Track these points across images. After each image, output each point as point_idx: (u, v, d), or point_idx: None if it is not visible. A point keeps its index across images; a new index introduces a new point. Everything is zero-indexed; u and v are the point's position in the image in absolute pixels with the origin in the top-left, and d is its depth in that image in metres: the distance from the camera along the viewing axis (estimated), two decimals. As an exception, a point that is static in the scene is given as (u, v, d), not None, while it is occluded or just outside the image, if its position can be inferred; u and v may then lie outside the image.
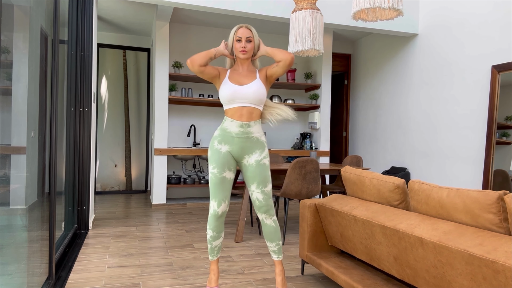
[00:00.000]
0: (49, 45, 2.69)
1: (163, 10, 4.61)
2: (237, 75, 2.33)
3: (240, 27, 2.29)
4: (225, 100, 2.28)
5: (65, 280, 2.51)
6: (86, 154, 3.77)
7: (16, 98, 2.16)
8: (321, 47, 3.31)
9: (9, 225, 2.10)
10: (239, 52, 2.28)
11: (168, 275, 2.65)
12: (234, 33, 2.29)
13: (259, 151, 2.30)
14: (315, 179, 3.56)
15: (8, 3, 1.92)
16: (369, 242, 2.02)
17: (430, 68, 4.83)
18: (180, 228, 4.05)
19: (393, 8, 2.48)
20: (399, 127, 5.37)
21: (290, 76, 5.93)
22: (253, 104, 2.27)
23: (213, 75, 2.29)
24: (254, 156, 2.29)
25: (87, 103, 3.75)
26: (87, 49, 3.75)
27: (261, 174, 2.29)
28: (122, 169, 6.26)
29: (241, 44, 2.27)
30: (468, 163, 4.22)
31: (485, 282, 1.41)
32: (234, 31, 2.30)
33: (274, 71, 2.33)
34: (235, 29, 2.30)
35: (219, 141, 2.28)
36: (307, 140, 5.92)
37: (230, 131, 2.27)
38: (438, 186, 1.76)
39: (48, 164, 2.57)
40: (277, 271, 2.35)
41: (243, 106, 2.26)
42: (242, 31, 2.28)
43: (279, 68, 2.30)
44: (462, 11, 4.35)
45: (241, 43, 2.27)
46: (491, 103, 3.89)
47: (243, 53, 2.28)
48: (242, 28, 2.29)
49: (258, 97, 2.27)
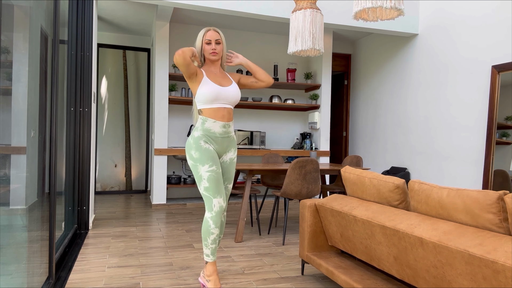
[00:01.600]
0: (49, 45, 2.69)
1: (163, 10, 4.61)
2: (214, 76, 2.39)
3: (208, 30, 2.37)
4: (207, 99, 2.32)
5: (65, 280, 2.51)
6: (86, 154, 3.77)
7: (16, 98, 2.16)
8: (321, 47, 3.31)
9: (9, 225, 2.10)
10: (209, 54, 2.36)
11: (168, 275, 2.65)
12: (203, 36, 2.36)
13: (233, 149, 2.50)
14: (315, 179, 3.56)
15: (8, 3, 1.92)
16: (369, 242, 2.02)
17: (430, 68, 4.83)
18: (180, 228, 4.05)
19: (394, 8, 2.48)
20: (399, 127, 5.37)
21: (290, 76, 5.93)
22: (232, 105, 2.44)
23: (194, 71, 2.31)
24: (229, 154, 2.48)
25: (87, 103, 3.75)
26: (87, 49, 3.75)
27: (231, 171, 2.50)
28: (122, 169, 6.26)
29: (211, 46, 2.35)
30: (468, 163, 4.22)
31: (485, 282, 1.41)
32: (202, 34, 2.37)
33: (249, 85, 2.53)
34: (203, 32, 2.37)
35: (204, 141, 2.34)
36: (307, 140, 5.92)
37: (214, 132, 2.35)
38: (438, 186, 1.76)
39: (48, 164, 2.57)
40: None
41: (225, 107, 2.38)
42: (211, 33, 2.36)
43: (257, 86, 2.51)
44: (462, 11, 4.35)
45: (211, 45, 2.36)
46: (491, 103, 3.89)
47: (213, 55, 2.36)
48: (210, 31, 2.36)
49: (237, 99, 2.43)
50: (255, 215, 4.58)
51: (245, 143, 5.56)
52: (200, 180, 2.30)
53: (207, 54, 2.38)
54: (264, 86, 2.53)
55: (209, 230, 2.30)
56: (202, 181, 2.30)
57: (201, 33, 2.38)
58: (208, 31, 2.36)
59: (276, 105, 5.91)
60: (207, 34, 2.35)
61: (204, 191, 2.31)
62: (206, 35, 2.36)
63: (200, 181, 2.30)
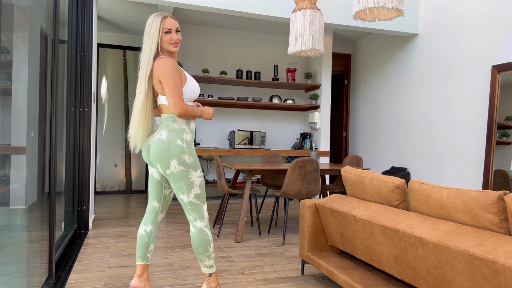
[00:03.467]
0: (49, 45, 2.69)
1: (163, 10, 4.61)
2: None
3: (165, 16, 2.06)
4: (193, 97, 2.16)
5: (65, 280, 2.51)
6: (86, 154, 3.76)
7: (16, 98, 2.16)
8: (321, 47, 3.31)
9: (9, 225, 2.10)
10: (169, 45, 2.08)
11: (168, 275, 2.65)
12: (160, 24, 2.04)
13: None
14: (315, 179, 3.56)
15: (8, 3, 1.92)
16: (369, 242, 2.02)
17: (430, 68, 4.83)
18: (180, 228, 4.05)
19: (395, 8, 2.48)
20: (399, 127, 5.37)
21: (290, 76, 5.94)
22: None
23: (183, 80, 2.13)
24: None
25: (87, 103, 3.75)
26: (87, 49, 3.75)
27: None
28: (122, 169, 6.26)
29: (171, 35, 2.07)
30: (468, 163, 4.22)
31: (485, 282, 1.40)
32: (159, 22, 2.04)
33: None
34: (159, 19, 2.04)
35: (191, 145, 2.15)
36: (307, 140, 5.92)
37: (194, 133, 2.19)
38: (438, 186, 1.76)
39: (48, 164, 2.57)
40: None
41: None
42: (171, 21, 2.06)
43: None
44: (462, 11, 4.35)
45: (171, 34, 2.07)
46: (491, 103, 3.89)
47: (175, 46, 2.10)
48: (168, 18, 2.07)
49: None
50: (255, 215, 4.58)
51: (245, 143, 5.56)
52: (190, 187, 2.07)
53: (166, 45, 2.07)
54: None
55: (208, 240, 2.13)
56: (193, 188, 2.08)
57: (156, 20, 2.04)
58: (165, 18, 2.05)
59: (276, 105, 5.91)
60: (166, 22, 2.05)
61: (194, 198, 2.09)
62: (165, 23, 2.04)
63: (190, 188, 2.08)
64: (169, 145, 2.04)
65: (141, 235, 2.25)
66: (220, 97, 5.59)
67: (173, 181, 2.08)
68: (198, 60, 5.86)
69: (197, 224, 2.12)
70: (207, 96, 5.71)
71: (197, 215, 2.11)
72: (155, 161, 2.07)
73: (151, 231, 2.26)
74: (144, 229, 2.25)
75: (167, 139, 2.05)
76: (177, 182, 2.07)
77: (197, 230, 2.12)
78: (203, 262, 2.16)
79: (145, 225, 2.26)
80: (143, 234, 2.25)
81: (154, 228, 2.27)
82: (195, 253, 2.16)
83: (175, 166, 2.04)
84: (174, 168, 2.04)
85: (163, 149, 2.04)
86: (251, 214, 4.31)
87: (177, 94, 2.02)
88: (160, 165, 2.06)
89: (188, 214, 2.13)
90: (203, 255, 2.14)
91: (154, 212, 2.26)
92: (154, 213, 2.26)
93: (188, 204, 2.10)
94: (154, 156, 2.06)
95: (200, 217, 2.12)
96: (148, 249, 2.26)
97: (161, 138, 2.06)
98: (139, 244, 2.25)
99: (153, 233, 2.27)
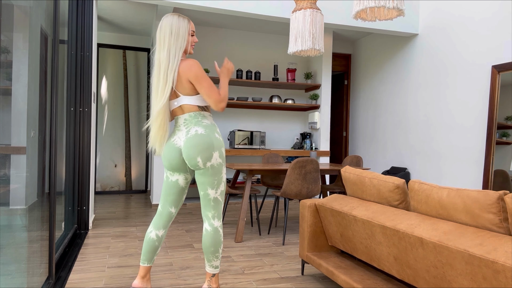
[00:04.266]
0: (49, 45, 2.69)
1: (163, 10, 4.61)
2: None
3: (188, 20, 2.16)
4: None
5: (65, 280, 2.51)
6: (86, 154, 3.76)
7: (16, 98, 2.16)
8: (321, 46, 3.31)
9: (9, 225, 2.10)
10: (190, 46, 2.16)
11: (168, 275, 2.65)
12: (189, 26, 2.13)
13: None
14: (315, 179, 3.56)
15: (8, 3, 1.92)
16: (369, 242, 2.02)
17: (430, 68, 4.83)
18: (180, 228, 4.04)
19: (396, 8, 2.48)
20: (399, 127, 5.37)
21: (290, 76, 5.94)
22: None
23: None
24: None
25: (87, 103, 3.75)
26: (87, 49, 3.75)
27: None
28: (122, 169, 6.26)
29: (194, 38, 2.18)
30: (468, 163, 4.22)
31: (485, 282, 1.40)
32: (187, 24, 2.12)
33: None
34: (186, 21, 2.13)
35: None
36: (307, 140, 5.92)
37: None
38: (438, 186, 1.76)
39: (48, 164, 2.57)
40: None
41: None
42: (192, 25, 2.18)
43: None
44: (462, 11, 4.35)
45: (194, 37, 2.18)
46: (491, 103, 3.89)
47: (193, 48, 2.20)
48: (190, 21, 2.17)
49: None
50: (255, 215, 4.58)
51: (245, 143, 5.56)
52: (220, 182, 2.09)
53: (189, 46, 2.15)
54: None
55: (220, 240, 2.12)
56: (221, 183, 2.10)
57: (185, 22, 2.11)
58: (189, 21, 2.15)
59: (276, 105, 5.91)
60: (192, 25, 2.15)
61: (219, 195, 2.10)
62: (192, 25, 2.15)
63: (220, 183, 2.09)
64: (210, 138, 2.06)
65: (152, 239, 2.20)
66: (220, 97, 5.58)
67: (208, 174, 2.06)
68: (198, 60, 5.86)
69: (214, 223, 2.11)
70: (207, 96, 5.70)
71: (217, 213, 2.12)
72: (196, 155, 2.03)
73: (162, 235, 2.23)
74: (156, 234, 2.20)
75: (206, 133, 2.06)
76: (212, 176, 2.07)
77: (213, 229, 2.10)
78: (210, 262, 2.15)
79: (157, 230, 2.21)
80: (154, 239, 2.20)
81: (165, 232, 2.25)
82: (204, 251, 2.14)
83: (216, 158, 2.06)
84: (215, 160, 2.06)
85: (205, 142, 2.04)
86: (251, 214, 4.31)
87: (215, 90, 2.06)
88: (201, 158, 2.03)
89: (208, 211, 2.10)
90: (212, 255, 2.13)
91: (170, 217, 2.23)
92: (169, 219, 2.23)
93: (213, 200, 2.09)
94: (194, 151, 2.03)
95: (218, 216, 2.12)
96: (156, 252, 2.25)
97: (199, 132, 2.06)
98: (148, 247, 2.20)
99: (163, 238, 2.25)
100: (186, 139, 2.07)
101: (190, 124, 2.10)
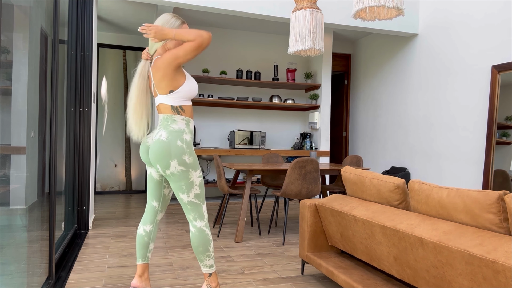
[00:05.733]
0: (49, 45, 2.69)
1: (163, 10, 4.61)
2: None
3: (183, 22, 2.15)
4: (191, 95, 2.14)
5: (65, 280, 2.51)
6: (86, 154, 3.76)
7: (16, 98, 2.16)
8: (321, 46, 3.31)
9: (9, 225, 2.10)
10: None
11: (168, 275, 2.65)
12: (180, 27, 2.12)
13: None
14: (315, 179, 3.56)
15: (8, 3, 1.92)
16: (369, 242, 2.02)
17: (430, 68, 4.83)
18: (180, 228, 4.05)
19: (396, 7, 2.48)
20: (399, 127, 5.37)
21: (290, 76, 5.94)
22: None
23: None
24: None
25: (87, 103, 3.75)
26: (87, 49, 3.75)
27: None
28: (122, 169, 6.26)
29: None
30: (468, 163, 4.22)
31: (485, 282, 1.40)
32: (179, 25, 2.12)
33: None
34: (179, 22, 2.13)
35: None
36: (307, 140, 5.92)
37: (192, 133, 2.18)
38: (438, 186, 1.76)
39: (48, 164, 2.57)
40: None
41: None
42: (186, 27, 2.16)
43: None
44: (462, 11, 4.35)
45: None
46: (491, 103, 3.89)
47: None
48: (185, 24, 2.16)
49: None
50: (255, 215, 4.58)
51: (245, 143, 5.56)
52: (190, 186, 2.08)
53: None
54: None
55: (208, 239, 2.14)
56: (193, 187, 2.09)
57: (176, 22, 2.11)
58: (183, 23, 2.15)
59: (276, 105, 5.91)
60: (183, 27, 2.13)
61: (194, 198, 2.10)
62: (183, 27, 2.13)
63: (190, 187, 2.08)
64: (169, 146, 2.03)
65: (141, 234, 2.25)
66: (220, 97, 5.59)
67: (173, 181, 2.08)
68: (198, 60, 5.86)
69: (197, 224, 2.12)
70: (207, 96, 5.71)
71: (197, 214, 2.12)
72: (155, 162, 2.06)
73: (150, 230, 2.26)
74: (144, 229, 2.25)
75: (167, 140, 2.04)
76: (177, 182, 2.07)
77: (197, 229, 2.12)
78: (203, 262, 2.16)
79: (144, 225, 2.26)
80: (142, 234, 2.25)
81: (154, 227, 2.27)
82: (195, 252, 2.16)
83: (175, 166, 2.04)
84: (174, 168, 2.04)
85: (163, 150, 2.02)
86: (251, 214, 4.31)
87: (191, 32, 1.96)
88: (160, 165, 2.05)
89: (187, 213, 2.13)
90: (203, 254, 2.14)
91: (154, 211, 2.26)
92: (153, 213, 2.26)
93: (188, 203, 2.10)
94: (153, 157, 2.06)
95: (200, 216, 2.12)
96: (148, 249, 2.26)
97: (161, 139, 2.04)
98: (139, 244, 2.25)
99: (152, 233, 2.27)
100: (152, 143, 2.08)
101: (161, 127, 2.10)
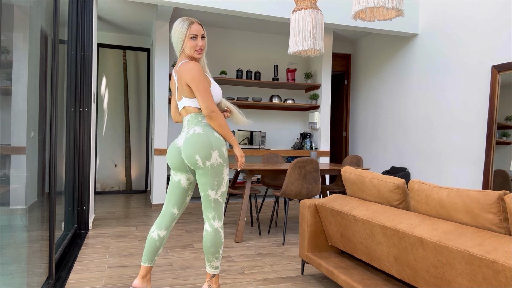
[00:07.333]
0: (49, 45, 2.69)
1: (163, 10, 4.61)
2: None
3: (191, 22, 2.09)
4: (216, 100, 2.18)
5: (65, 280, 2.51)
6: (86, 154, 3.76)
7: (16, 98, 2.16)
8: (321, 46, 3.31)
9: (9, 225, 2.10)
10: (194, 51, 2.12)
11: (168, 275, 2.65)
12: (187, 30, 2.08)
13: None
14: (315, 179, 3.56)
15: (8, 3, 1.92)
16: (369, 242, 2.02)
17: (430, 68, 4.83)
18: (180, 228, 4.05)
19: (395, 8, 2.48)
20: (399, 127, 5.37)
21: (290, 76, 5.93)
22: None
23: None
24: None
25: (87, 103, 3.75)
26: (87, 49, 3.75)
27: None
28: (122, 169, 6.26)
29: (197, 42, 2.11)
30: (468, 163, 4.22)
31: (485, 282, 1.40)
32: (186, 27, 2.08)
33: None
34: (186, 24, 2.09)
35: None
36: (307, 140, 5.92)
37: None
38: (438, 186, 1.76)
39: (48, 164, 2.57)
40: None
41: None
42: (197, 27, 2.10)
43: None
44: (462, 11, 4.35)
45: (197, 40, 2.11)
46: (491, 103, 3.89)
47: (198, 53, 2.13)
48: (195, 24, 2.10)
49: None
50: (255, 215, 4.58)
51: (245, 143, 5.56)
52: (221, 183, 2.07)
53: (191, 51, 2.11)
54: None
55: (221, 241, 2.11)
56: (222, 184, 2.07)
57: (184, 25, 2.08)
58: (192, 24, 2.09)
59: (276, 105, 5.91)
60: (192, 28, 2.08)
61: (220, 196, 2.08)
62: (191, 28, 2.08)
63: (220, 184, 2.07)
64: (208, 137, 2.04)
65: (154, 239, 2.20)
66: (220, 97, 5.59)
67: (208, 175, 2.04)
68: (198, 60, 5.85)
69: (215, 224, 2.10)
70: (207, 96, 5.70)
71: (217, 214, 2.10)
72: (194, 153, 2.02)
73: (164, 236, 2.23)
74: (158, 234, 2.21)
75: (204, 132, 2.05)
76: (211, 177, 2.05)
77: (214, 230, 2.09)
78: (210, 262, 2.14)
79: (159, 230, 2.21)
80: (155, 239, 2.20)
81: (167, 233, 2.25)
82: (205, 252, 2.14)
83: (216, 157, 2.03)
84: (215, 160, 2.03)
85: (204, 140, 2.03)
86: (251, 214, 4.31)
87: (210, 97, 2.05)
88: (200, 156, 2.02)
89: (208, 212, 2.10)
90: (213, 255, 2.12)
91: (172, 218, 2.23)
92: (171, 220, 2.24)
93: (213, 201, 2.08)
94: (192, 149, 2.03)
95: (219, 217, 2.11)
96: (157, 253, 2.25)
97: (197, 132, 2.06)
98: (149, 247, 2.21)
99: (165, 239, 2.25)
100: (185, 138, 2.08)
101: (191, 124, 2.12)
